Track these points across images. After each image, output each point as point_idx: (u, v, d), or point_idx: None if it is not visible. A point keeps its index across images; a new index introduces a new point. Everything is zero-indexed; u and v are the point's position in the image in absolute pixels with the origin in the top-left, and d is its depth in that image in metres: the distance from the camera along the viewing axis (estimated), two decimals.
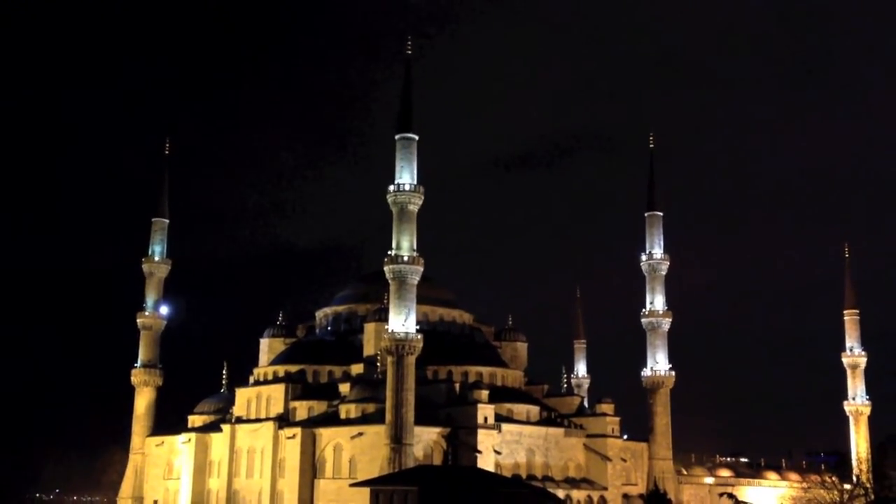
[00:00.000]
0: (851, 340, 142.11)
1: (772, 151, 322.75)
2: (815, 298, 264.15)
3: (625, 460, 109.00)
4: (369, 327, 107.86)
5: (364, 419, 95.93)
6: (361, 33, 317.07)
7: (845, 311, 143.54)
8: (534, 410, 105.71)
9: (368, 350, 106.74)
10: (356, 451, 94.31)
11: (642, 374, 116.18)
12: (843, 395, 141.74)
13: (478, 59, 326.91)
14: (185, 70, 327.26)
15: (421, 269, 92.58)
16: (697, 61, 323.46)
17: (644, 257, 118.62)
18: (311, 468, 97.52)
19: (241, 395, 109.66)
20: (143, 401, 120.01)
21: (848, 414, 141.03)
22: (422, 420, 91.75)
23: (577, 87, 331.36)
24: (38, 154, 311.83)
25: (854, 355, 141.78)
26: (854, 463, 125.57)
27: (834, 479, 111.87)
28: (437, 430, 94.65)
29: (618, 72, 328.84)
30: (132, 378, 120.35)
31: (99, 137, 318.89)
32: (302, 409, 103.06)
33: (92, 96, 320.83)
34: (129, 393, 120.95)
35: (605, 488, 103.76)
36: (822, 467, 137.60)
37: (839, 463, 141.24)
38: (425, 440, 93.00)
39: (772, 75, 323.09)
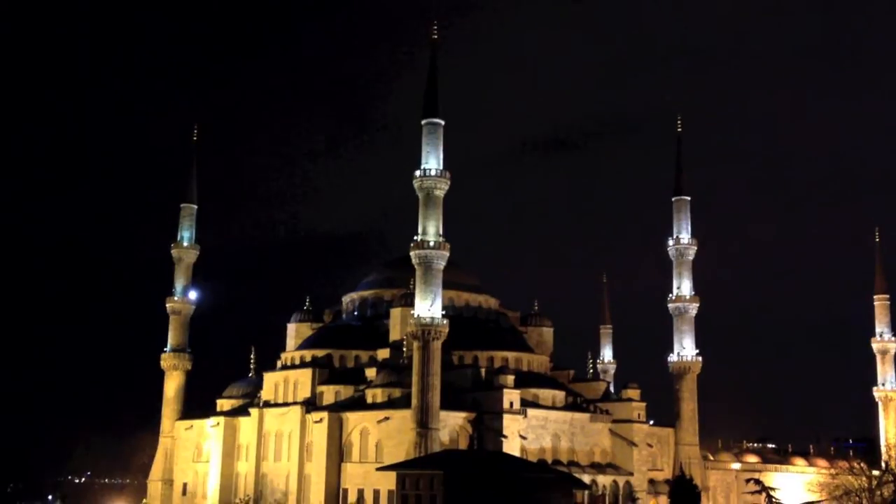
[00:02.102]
0: (881, 326, 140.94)
1: (801, 135, 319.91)
2: (845, 283, 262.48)
3: (651, 446, 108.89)
4: (395, 312, 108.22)
5: (390, 404, 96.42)
6: (387, 16, 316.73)
7: (875, 296, 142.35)
8: (559, 396, 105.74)
9: (394, 335, 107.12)
10: (382, 435, 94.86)
11: (669, 359, 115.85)
12: (873, 380, 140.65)
13: (504, 43, 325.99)
14: (212, 56, 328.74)
15: (447, 254, 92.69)
16: (726, 45, 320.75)
17: (671, 242, 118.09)
18: (337, 452, 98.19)
19: (269, 379, 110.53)
20: (173, 385, 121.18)
21: (877, 400, 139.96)
22: (448, 405, 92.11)
23: (604, 71, 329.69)
24: (68, 142, 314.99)
25: (884, 341, 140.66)
26: (883, 449, 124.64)
27: (862, 465, 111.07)
28: (462, 414, 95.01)
29: (645, 56, 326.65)
30: (161, 362, 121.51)
31: (127, 125, 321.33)
32: (329, 393, 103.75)
33: (120, 84, 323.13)
34: (158, 377, 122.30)
35: (631, 474, 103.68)
36: (851, 453, 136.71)
37: (868, 449, 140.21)
38: (451, 425, 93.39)
39: (802, 58, 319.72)
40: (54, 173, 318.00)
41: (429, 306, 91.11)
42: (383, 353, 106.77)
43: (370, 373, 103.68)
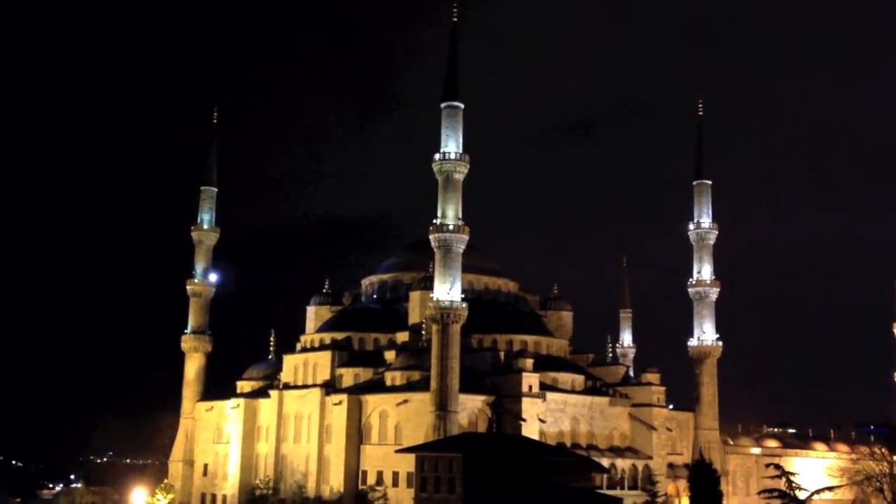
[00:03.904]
0: None
1: (824, 117, 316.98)
2: (866, 268, 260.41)
3: (670, 430, 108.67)
4: (414, 296, 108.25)
5: (409, 386, 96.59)
6: None
7: None
8: (578, 379, 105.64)
9: (414, 318, 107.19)
10: (401, 417, 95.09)
11: (689, 344, 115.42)
12: (894, 365, 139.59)
13: (524, 27, 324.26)
14: (232, 40, 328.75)
15: (466, 237, 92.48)
16: (748, 28, 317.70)
17: (692, 226, 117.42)
18: (357, 434, 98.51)
19: (289, 361, 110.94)
20: (193, 366, 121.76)
21: None
22: (466, 388, 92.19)
23: (626, 55, 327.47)
24: (89, 126, 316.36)
25: None
26: None
27: (883, 450, 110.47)
28: (481, 398, 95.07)
29: (667, 39, 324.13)
30: (182, 344, 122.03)
31: (149, 107, 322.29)
32: (348, 375, 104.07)
33: (140, 65, 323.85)
34: (179, 359, 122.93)
35: (650, 457, 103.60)
36: (872, 439, 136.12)
37: (889, 434, 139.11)
38: (470, 408, 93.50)
39: (823, 43, 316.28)
40: (76, 155, 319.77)
41: (448, 290, 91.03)
42: (402, 336, 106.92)
43: (389, 356, 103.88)
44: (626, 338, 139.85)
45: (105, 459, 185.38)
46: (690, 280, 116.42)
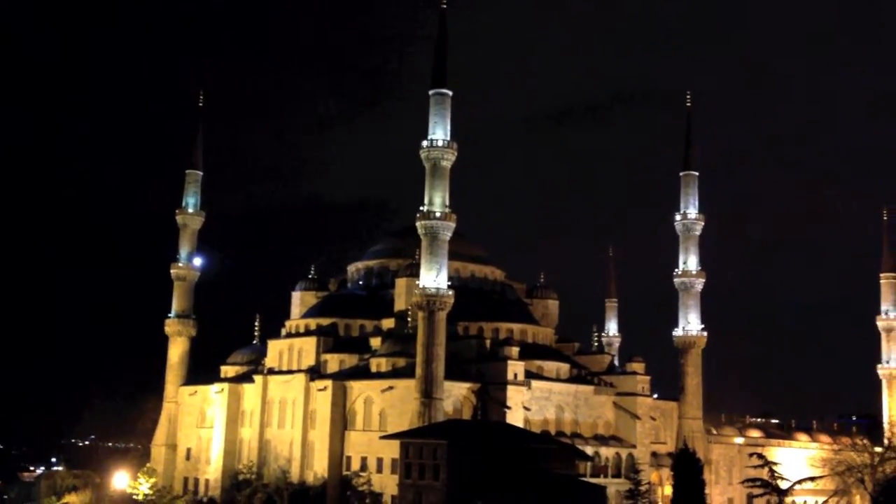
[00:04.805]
0: (887, 304, 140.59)
1: (813, 112, 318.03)
2: (852, 261, 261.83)
3: (654, 419, 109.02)
4: (401, 282, 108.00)
5: (394, 373, 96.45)
6: None
7: (882, 275, 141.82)
8: (564, 368, 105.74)
9: (399, 305, 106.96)
10: (386, 404, 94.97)
11: (674, 333, 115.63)
12: (877, 358, 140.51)
13: (515, 15, 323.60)
14: (220, 24, 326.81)
15: (453, 225, 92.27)
16: (739, 21, 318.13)
17: (678, 217, 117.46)
18: (341, 420, 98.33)
19: (274, 346, 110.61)
20: (177, 350, 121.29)
21: (881, 377, 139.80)
22: (452, 375, 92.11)
23: (615, 45, 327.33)
24: (75, 109, 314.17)
25: (889, 318, 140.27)
26: (886, 426, 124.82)
27: (865, 441, 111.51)
28: (467, 385, 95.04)
29: (656, 29, 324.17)
30: (166, 328, 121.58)
31: (133, 89, 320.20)
32: (333, 361, 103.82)
33: (126, 48, 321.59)
34: (163, 343, 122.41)
35: (634, 446, 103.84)
36: (854, 430, 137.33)
37: (871, 426, 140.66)
38: (455, 395, 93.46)
39: (816, 36, 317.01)
40: (62, 136, 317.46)
41: (434, 277, 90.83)
42: (388, 323, 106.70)
43: (375, 342, 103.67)
44: (612, 327, 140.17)
45: (87, 443, 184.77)
46: (676, 270, 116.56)
